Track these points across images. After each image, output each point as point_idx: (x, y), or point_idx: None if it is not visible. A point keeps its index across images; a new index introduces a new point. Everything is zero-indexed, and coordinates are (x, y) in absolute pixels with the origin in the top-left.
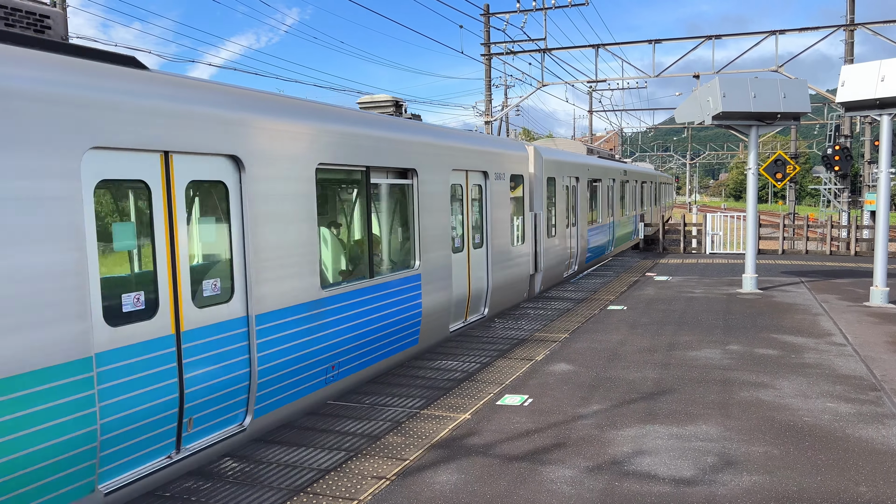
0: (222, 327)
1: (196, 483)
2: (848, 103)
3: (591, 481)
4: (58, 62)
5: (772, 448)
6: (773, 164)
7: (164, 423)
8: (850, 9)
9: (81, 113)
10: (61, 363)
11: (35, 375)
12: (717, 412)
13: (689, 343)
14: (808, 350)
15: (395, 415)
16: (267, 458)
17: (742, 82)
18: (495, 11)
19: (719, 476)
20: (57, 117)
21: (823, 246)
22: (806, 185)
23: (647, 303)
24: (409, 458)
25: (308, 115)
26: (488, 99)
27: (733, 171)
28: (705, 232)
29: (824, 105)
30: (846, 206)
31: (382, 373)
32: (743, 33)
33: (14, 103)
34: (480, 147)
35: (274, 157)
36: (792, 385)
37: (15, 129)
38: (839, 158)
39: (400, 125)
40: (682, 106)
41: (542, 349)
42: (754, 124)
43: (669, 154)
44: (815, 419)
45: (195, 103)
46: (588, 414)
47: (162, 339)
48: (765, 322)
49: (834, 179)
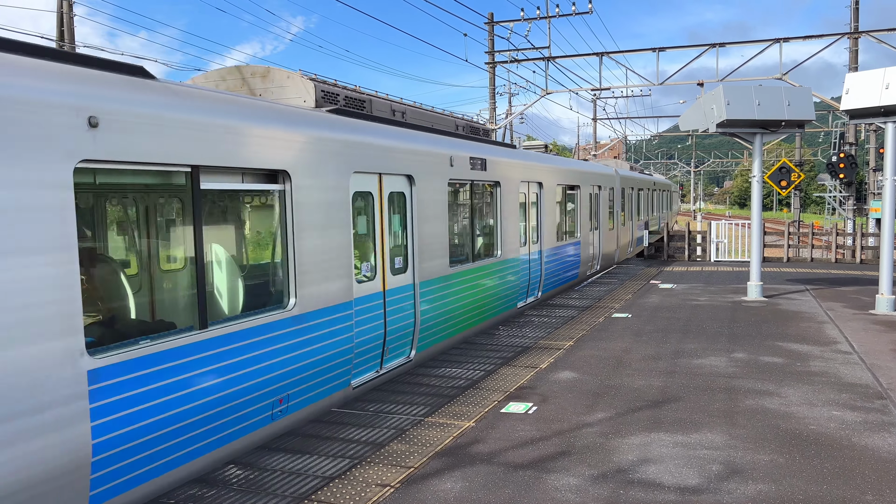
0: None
1: (201, 490)
2: (852, 111)
3: (595, 489)
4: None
5: (777, 456)
6: (778, 171)
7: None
8: (854, 17)
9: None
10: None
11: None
12: (722, 420)
13: (694, 351)
14: (813, 358)
15: (400, 422)
16: (272, 465)
17: (746, 90)
18: (499, 20)
19: (725, 484)
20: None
21: (829, 254)
22: (811, 192)
23: (651, 311)
24: (414, 466)
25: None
26: (492, 107)
27: (738, 178)
28: (710, 239)
29: (829, 113)
30: (851, 214)
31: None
32: (747, 41)
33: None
34: (589, 170)
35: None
36: (797, 393)
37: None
38: (844, 166)
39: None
40: (687, 114)
41: (546, 357)
42: (758, 132)
43: (674, 162)
44: (820, 427)
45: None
46: (593, 422)
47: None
48: (770, 330)
49: (839, 187)
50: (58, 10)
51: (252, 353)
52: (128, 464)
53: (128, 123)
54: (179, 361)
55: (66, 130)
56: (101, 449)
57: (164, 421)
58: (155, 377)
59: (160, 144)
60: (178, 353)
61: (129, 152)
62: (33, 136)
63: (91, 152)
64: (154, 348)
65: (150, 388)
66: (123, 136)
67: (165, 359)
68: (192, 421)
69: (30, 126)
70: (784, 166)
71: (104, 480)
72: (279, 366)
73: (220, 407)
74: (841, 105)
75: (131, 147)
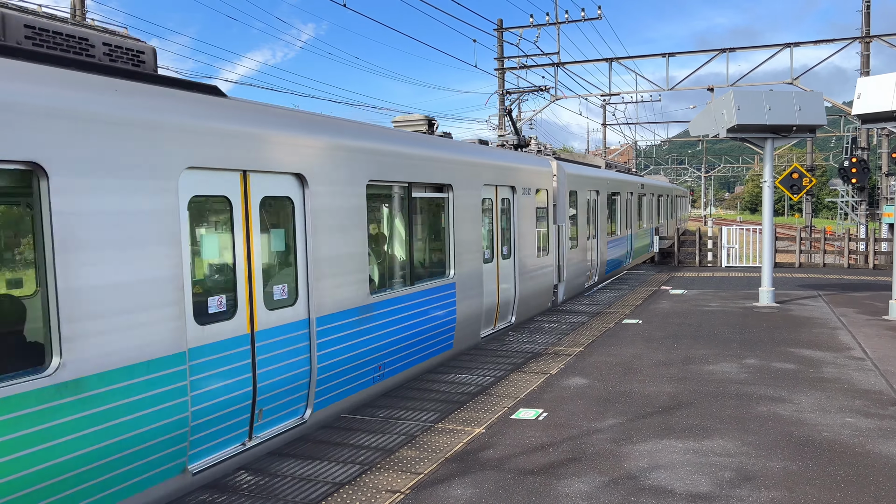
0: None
1: (211, 496)
2: (864, 115)
3: (606, 496)
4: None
5: (790, 463)
6: (790, 176)
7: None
8: (865, 21)
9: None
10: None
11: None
12: (734, 427)
13: (705, 357)
14: (826, 364)
15: (410, 428)
16: (281, 471)
17: (757, 95)
18: (509, 26)
19: (737, 491)
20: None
21: (841, 259)
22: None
23: (662, 316)
24: (424, 472)
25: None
26: (501, 113)
27: (749, 183)
28: (721, 245)
29: (841, 117)
30: (864, 219)
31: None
32: (757, 46)
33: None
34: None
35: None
36: (810, 400)
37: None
38: (856, 171)
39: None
40: (697, 119)
41: (556, 363)
42: (769, 137)
43: (684, 167)
44: (834, 434)
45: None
46: (603, 428)
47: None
48: (782, 336)
49: (851, 192)
50: (71, 18)
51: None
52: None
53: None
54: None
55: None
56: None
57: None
58: (400, 310)
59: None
60: (403, 298)
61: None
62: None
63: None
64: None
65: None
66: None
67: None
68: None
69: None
70: (795, 171)
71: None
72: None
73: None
74: (853, 110)
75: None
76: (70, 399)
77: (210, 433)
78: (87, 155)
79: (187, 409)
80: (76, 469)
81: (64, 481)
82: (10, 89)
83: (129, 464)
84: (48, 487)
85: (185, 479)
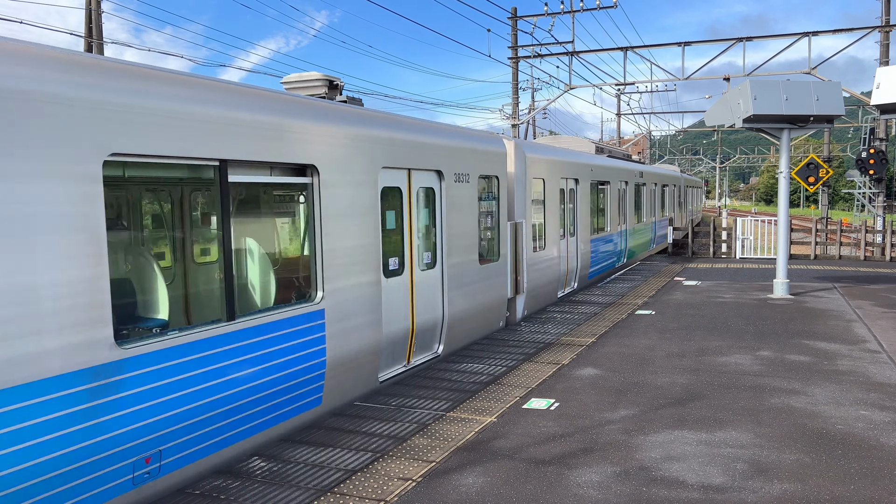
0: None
1: (225, 482)
2: (883, 106)
3: (618, 486)
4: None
5: (803, 456)
6: (806, 167)
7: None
8: (885, 10)
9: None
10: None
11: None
12: (747, 419)
13: (718, 349)
14: (841, 357)
15: (421, 417)
16: (295, 457)
17: (773, 85)
18: (523, 15)
19: (750, 483)
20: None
21: (857, 251)
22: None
23: (676, 307)
24: (436, 461)
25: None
26: (515, 102)
27: (764, 174)
28: (735, 236)
29: (859, 108)
30: (881, 211)
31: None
32: (774, 35)
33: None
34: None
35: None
36: (824, 392)
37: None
38: (874, 162)
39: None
40: (712, 109)
41: (568, 353)
42: (786, 127)
43: (699, 157)
44: (848, 427)
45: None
46: (616, 419)
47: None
48: (796, 328)
49: (868, 183)
50: (86, 6)
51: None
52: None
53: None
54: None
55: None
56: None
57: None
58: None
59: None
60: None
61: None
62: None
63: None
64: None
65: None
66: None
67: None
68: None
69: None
70: (812, 162)
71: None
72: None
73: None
74: (871, 100)
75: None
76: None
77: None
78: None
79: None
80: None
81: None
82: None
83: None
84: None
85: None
